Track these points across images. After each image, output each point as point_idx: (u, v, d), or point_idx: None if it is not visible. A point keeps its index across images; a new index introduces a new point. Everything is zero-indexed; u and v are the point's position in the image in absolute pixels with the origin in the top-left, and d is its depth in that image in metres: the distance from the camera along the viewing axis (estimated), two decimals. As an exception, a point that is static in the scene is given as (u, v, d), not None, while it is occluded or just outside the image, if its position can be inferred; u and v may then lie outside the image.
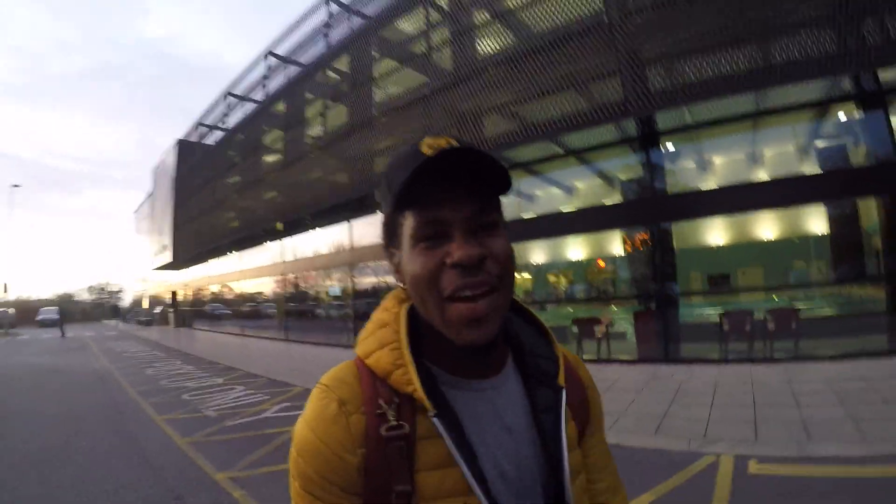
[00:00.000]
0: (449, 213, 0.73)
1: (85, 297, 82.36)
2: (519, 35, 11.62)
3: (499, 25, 11.91)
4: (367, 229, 16.57)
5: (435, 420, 0.72)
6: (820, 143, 10.40)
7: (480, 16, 12.22)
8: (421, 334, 0.81)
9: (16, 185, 40.41)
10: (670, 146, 11.10)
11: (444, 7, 13.18)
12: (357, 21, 16.44)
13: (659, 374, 8.95)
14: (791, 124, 10.51)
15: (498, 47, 11.95)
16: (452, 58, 12.64)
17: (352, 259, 17.52)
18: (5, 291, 37.73)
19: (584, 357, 10.65)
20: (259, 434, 6.94)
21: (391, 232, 0.82)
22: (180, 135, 31.58)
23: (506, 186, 0.76)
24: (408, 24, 14.50)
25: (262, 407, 8.71)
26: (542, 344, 0.90)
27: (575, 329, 11.25)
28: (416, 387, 0.73)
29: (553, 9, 10.42)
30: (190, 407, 9.04)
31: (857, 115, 9.60)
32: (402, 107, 14.00)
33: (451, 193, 0.74)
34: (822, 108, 9.93)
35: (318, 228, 19.46)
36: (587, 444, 0.92)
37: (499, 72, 11.27)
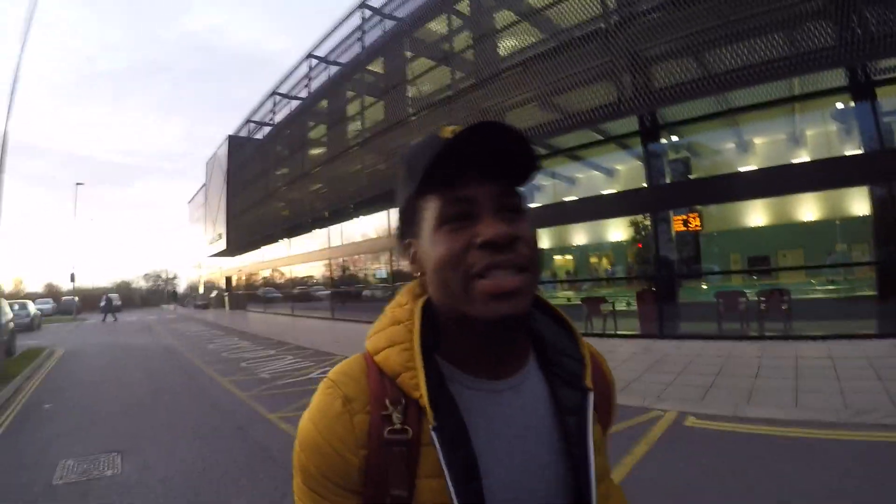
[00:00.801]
0: (476, 190, 0.71)
1: (141, 284, 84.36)
2: (546, 31, 12.66)
3: (527, 25, 12.99)
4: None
5: (433, 433, 0.69)
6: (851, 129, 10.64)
7: (504, 17, 13.33)
8: (437, 330, 0.77)
9: (80, 183, 42.38)
10: (699, 134, 12.09)
11: (467, 13, 14.38)
12: (390, 24, 17.80)
13: (651, 347, 10.07)
14: (818, 110, 11.07)
15: (522, 45, 13.05)
16: (478, 58, 13.84)
17: (390, 244, 18.92)
18: (72, 281, 40.21)
19: (592, 332, 11.93)
20: (304, 389, 8.50)
21: (409, 220, 0.78)
22: (228, 128, 33.78)
23: (533, 166, 0.74)
24: (438, 26, 15.72)
25: (308, 371, 10.37)
26: (568, 342, 0.86)
27: (585, 309, 12.46)
28: (422, 393, 0.70)
29: (578, 8, 11.40)
30: (247, 371, 10.78)
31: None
32: (434, 104, 15.31)
33: (477, 172, 0.71)
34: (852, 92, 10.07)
35: (361, 216, 20.92)
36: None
37: (520, 70, 12.37)
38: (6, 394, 9.34)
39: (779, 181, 10.29)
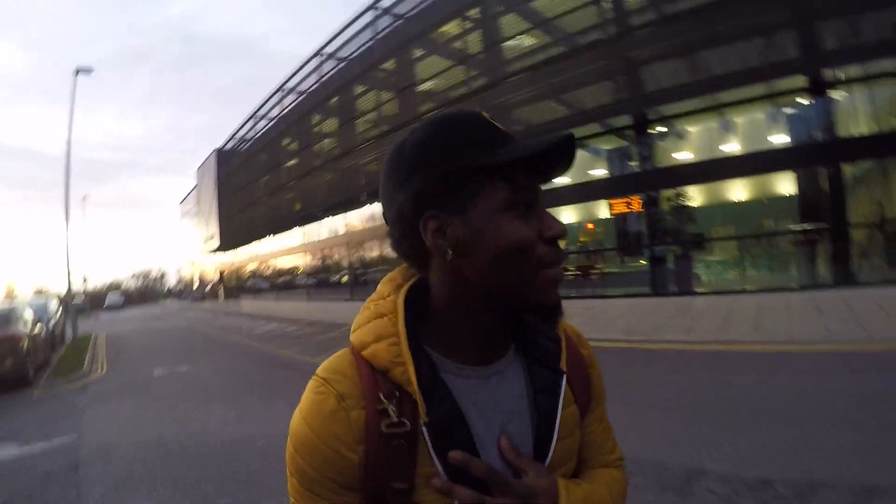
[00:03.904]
0: (538, 185, 0.74)
1: (130, 283, 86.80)
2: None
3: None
4: (358, 218, 23.12)
5: (424, 428, 0.71)
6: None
7: (426, 68, 18.46)
8: (425, 320, 0.78)
9: (85, 196, 45.46)
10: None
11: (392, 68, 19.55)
12: (343, 65, 22.77)
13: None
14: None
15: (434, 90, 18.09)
16: (402, 105, 18.97)
17: (348, 240, 24.13)
18: (84, 282, 42.98)
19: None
20: (282, 336, 14.28)
21: (446, 192, 0.72)
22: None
23: (557, 176, 0.77)
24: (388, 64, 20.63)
25: (286, 328, 16.24)
26: (545, 324, 0.87)
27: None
28: (414, 388, 0.71)
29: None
30: (246, 332, 16.72)
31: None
32: (376, 137, 20.52)
33: (540, 167, 0.73)
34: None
35: (328, 217, 25.90)
36: (585, 422, 0.89)
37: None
38: (90, 354, 14.72)
39: (584, 192, 15.41)
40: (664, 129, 13.72)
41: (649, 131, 13.58)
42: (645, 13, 12.58)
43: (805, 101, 11.42)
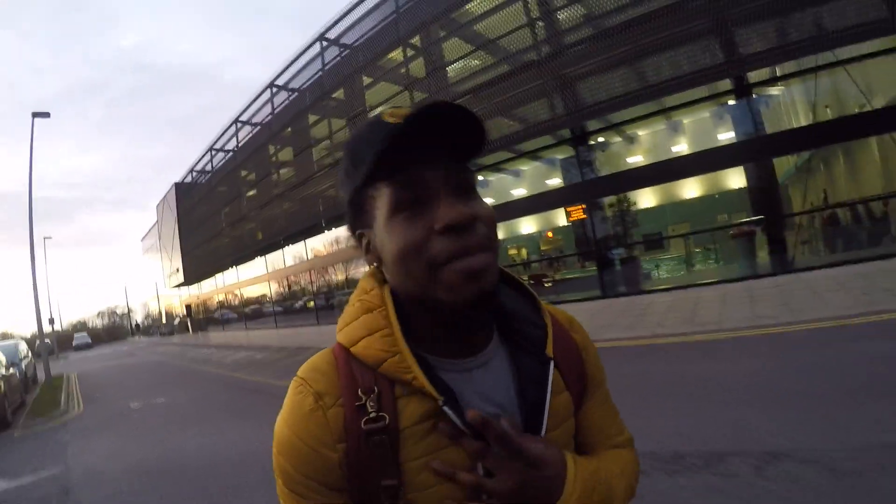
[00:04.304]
0: (429, 173, 0.68)
1: (96, 322, 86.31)
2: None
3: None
4: (321, 243, 23.57)
5: (445, 409, 0.69)
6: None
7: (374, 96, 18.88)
8: (404, 316, 0.75)
9: (47, 237, 43.99)
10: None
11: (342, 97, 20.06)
12: (294, 96, 23.28)
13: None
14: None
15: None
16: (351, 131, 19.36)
17: (311, 266, 24.49)
18: (52, 324, 41.54)
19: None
20: (251, 363, 14.64)
21: (359, 210, 0.75)
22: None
23: (482, 143, 0.71)
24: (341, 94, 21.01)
25: (254, 356, 16.56)
26: (529, 310, 0.85)
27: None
28: (415, 374, 0.70)
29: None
30: (216, 362, 16.94)
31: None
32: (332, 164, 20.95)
33: (428, 154, 0.68)
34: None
35: (289, 245, 26.26)
36: (585, 407, 0.88)
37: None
38: (65, 393, 14.82)
39: (541, 202, 16.09)
40: (605, 138, 14.48)
41: (599, 139, 14.35)
42: (583, 29, 13.21)
43: (737, 101, 12.07)
